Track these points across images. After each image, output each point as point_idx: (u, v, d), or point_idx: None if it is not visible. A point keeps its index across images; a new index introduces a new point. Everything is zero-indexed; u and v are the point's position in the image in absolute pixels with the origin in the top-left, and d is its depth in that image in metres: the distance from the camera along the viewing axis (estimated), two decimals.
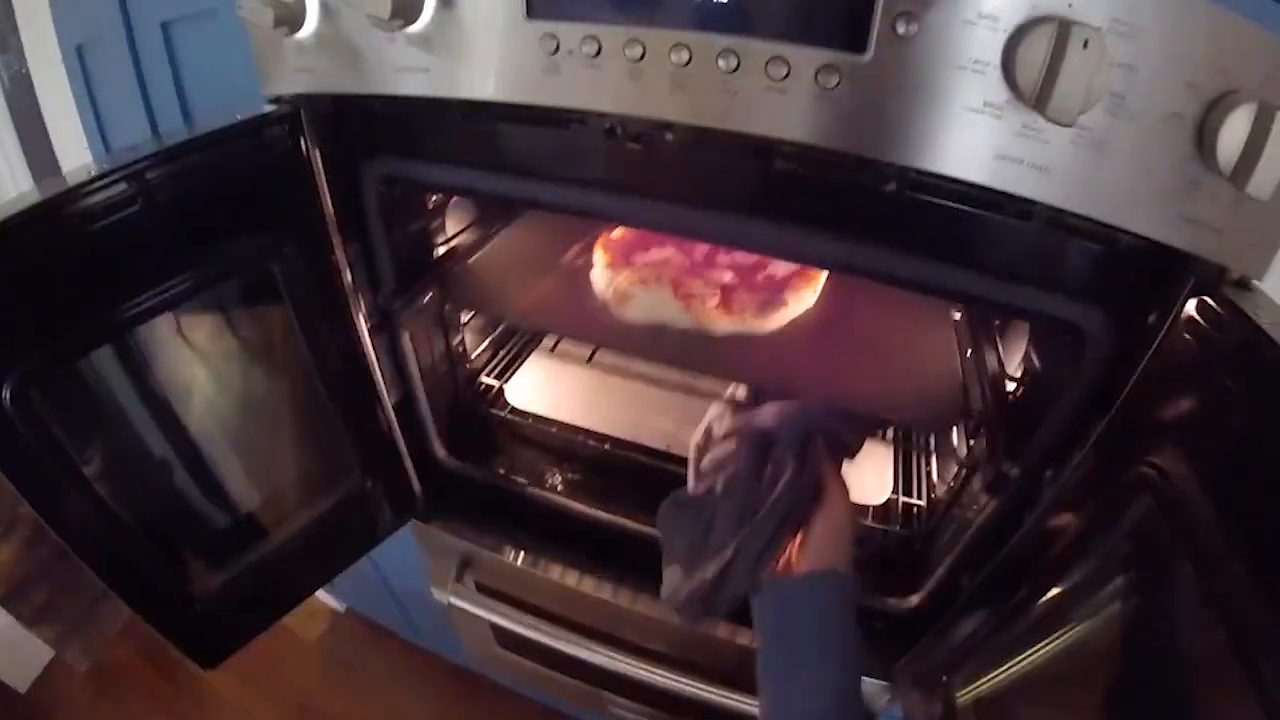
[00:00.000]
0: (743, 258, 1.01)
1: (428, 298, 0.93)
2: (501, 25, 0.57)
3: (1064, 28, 0.41)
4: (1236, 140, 0.42)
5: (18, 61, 1.43)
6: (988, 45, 0.44)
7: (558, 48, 0.56)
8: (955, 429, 0.94)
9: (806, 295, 0.95)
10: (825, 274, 0.97)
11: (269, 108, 0.72)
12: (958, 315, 0.94)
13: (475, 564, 1.06)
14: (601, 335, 1.06)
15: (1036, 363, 0.73)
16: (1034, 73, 0.42)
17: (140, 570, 0.75)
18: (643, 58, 0.53)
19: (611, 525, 0.97)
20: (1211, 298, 0.49)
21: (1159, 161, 0.46)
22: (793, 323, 0.94)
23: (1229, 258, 0.49)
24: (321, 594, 0.55)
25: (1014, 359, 0.79)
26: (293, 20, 0.64)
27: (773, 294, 0.95)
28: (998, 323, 0.85)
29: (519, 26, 0.57)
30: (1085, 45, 0.41)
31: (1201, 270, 0.50)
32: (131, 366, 0.73)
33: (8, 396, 0.59)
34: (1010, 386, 0.74)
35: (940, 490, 0.97)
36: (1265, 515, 0.44)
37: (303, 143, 0.75)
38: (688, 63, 0.52)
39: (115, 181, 0.62)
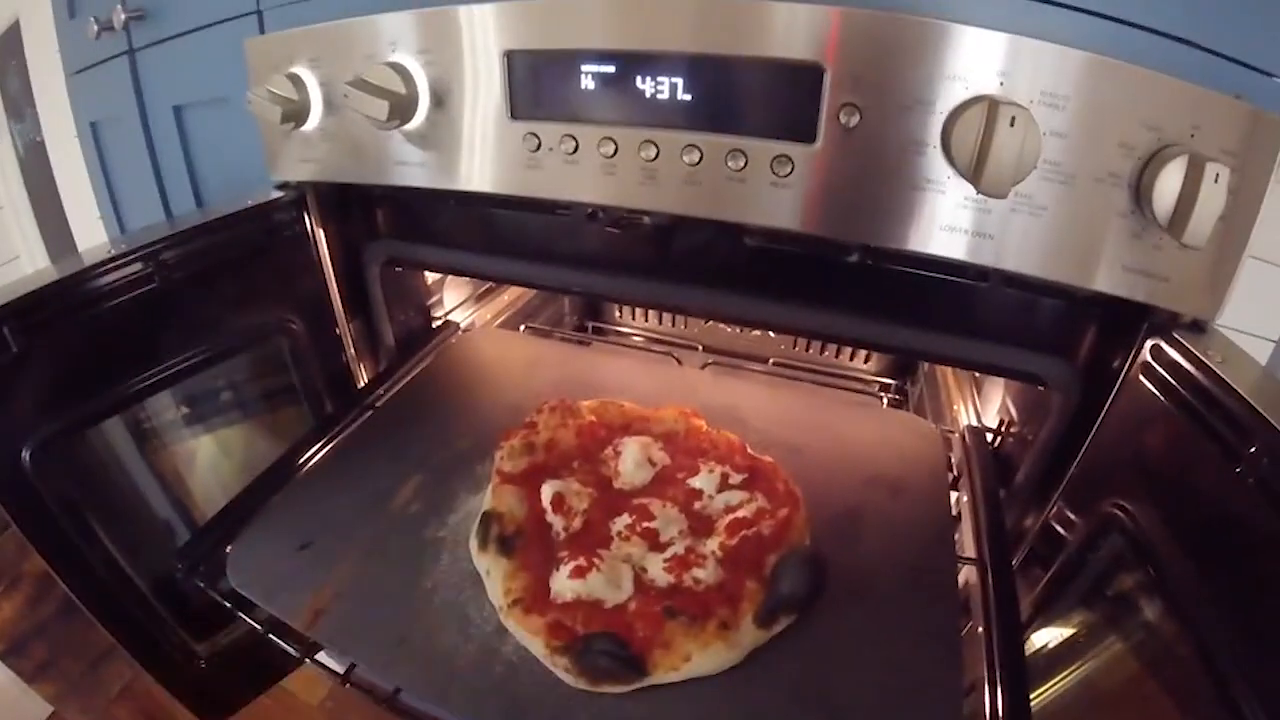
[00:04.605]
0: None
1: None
2: (488, 125, 0.63)
3: (993, 108, 0.45)
4: (1171, 193, 0.45)
5: (33, 130, 1.51)
6: (927, 128, 0.48)
7: (539, 145, 0.61)
8: None
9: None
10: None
11: (276, 193, 0.79)
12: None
13: None
14: None
15: (1013, 413, 0.75)
16: (969, 150, 0.46)
17: (147, 626, 0.75)
18: (615, 154, 0.58)
19: None
20: (1165, 341, 0.52)
21: (1099, 219, 0.49)
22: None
23: (1179, 303, 0.51)
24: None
25: (990, 409, 0.81)
26: (298, 116, 0.70)
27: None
28: (976, 377, 0.87)
29: (504, 126, 0.62)
30: (1012, 123, 0.44)
31: (1155, 317, 0.53)
32: (141, 433, 0.75)
33: (27, 459, 0.62)
34: (989, 438, 0.75)
35: None
36: (1224, 547, 0.46)
37: (308, 225, 0.81)
38: (655, 157, 0.56)
39: (133, 260, 0.67)
